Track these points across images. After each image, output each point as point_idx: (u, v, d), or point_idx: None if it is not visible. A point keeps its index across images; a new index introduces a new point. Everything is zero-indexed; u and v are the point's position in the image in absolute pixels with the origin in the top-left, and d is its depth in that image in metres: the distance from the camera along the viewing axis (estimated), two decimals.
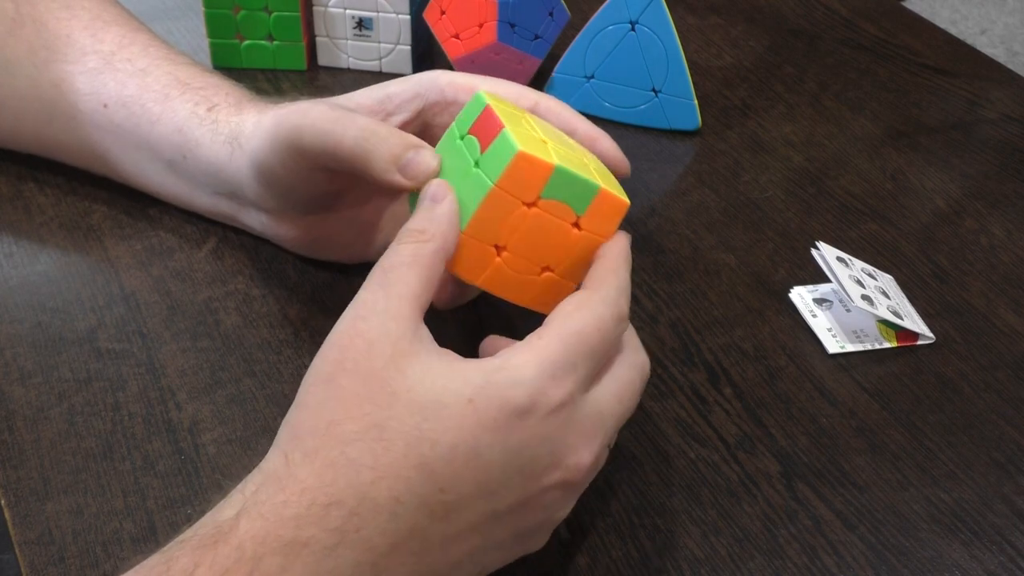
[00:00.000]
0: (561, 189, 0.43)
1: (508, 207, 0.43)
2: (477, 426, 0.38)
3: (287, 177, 0.53)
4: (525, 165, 0.42)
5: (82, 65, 0.61)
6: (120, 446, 0.50)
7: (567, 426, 0.40)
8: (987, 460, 0.51)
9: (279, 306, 0.57)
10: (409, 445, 0.38)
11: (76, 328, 0.55)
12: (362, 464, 0.38)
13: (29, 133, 0.64)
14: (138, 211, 0.63)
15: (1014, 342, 0.58)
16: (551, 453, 0.40)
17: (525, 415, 0.39)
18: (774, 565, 0.46)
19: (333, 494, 0.37)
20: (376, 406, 0.38)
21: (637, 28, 0.71)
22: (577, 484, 0.42)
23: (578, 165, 0.45)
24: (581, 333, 0.41)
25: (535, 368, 0.39)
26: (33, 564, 0.44)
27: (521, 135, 0.43)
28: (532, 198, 0.43)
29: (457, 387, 0.39)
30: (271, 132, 0.52)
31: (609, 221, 0.45)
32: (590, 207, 0.44)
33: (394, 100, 0.53)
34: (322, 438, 0.38)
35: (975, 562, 0.47)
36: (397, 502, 0.38)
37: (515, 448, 0.39)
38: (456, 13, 0.73)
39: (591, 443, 0.41)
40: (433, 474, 0.38)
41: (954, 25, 2.26)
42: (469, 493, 0.39)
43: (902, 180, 0.71)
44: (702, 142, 0.73)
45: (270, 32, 0.76)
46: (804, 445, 0.52)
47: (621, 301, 0.43)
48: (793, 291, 0.60)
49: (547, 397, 0.39)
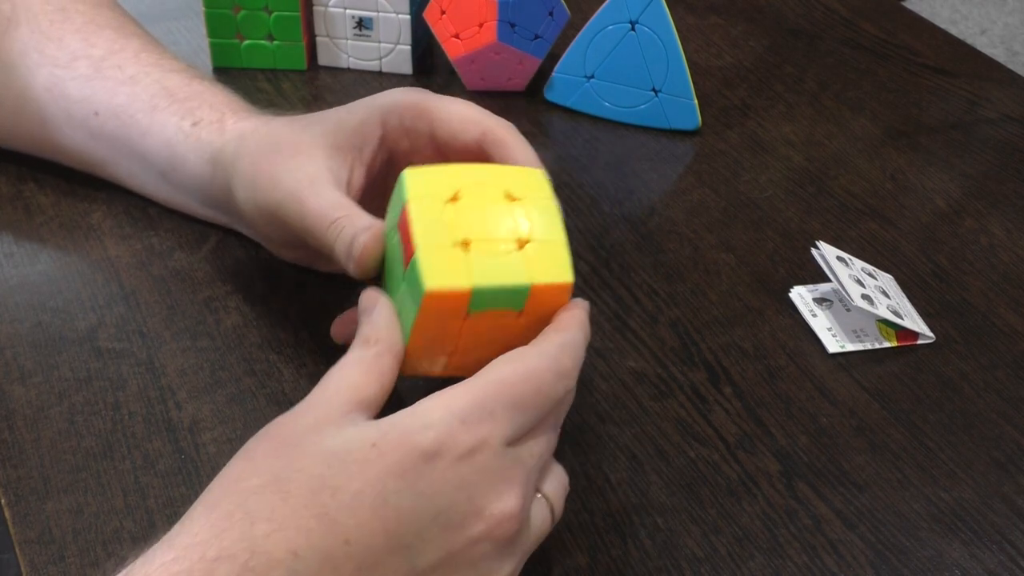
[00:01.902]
0: (488, 301, 0.41)
1: (440, 327, 0.42)
2: (382, 470, 0.37)
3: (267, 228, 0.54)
4: (440, 299, 0.41)
5: (73, 70, 0.60)
6: (120, 445, 0.50)
7: (484, 473, 0.38)
8: (987, 460, 0.51)
9: (279, 306, 0.57)
10: (310, 495, 0.36)
11: (76, 328, 0.55)
12: (258, 516, 0.36)
13: (24, 136, 0.64)
14: (138, 211, 0.63)
15: (1014, 342, 0.58)
16: (469, 500, 0.38)
17: (432, 459, 0.37)
18: (774, 564, 0.46)
19: (224, 547, 0.35)
20: (282, 460, 0.37)
21: (637, 28, 0.71)
22: (507, 538, 0.39)
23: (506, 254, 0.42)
24: (503, 382, 0.39)
25: (442, 411, 0.38)
26: (33, 563, 0.44)
27: (435, 250, 0.41)
28: (461, 317, 0.42)
29: (363, 434, 0.38)
30: (248, 190, 0.52)
31: (556, 303, 0.43)
32: (528, 302, 0.42)
33: (362, 132, 0.51)
34: (223, 493, 0.37)
35: (975, 561, 0.47)
36: (295, 556, 0.35)
37: (426, 494, 0.37)
38: (456, 13, 0.73)
39: (515, 489, 0.39)
40: (335, 524, 0.36)
41: (954, 25, 2.26)
42: (379, 546, 0.36)
43: (902, 180, 0.71)
44: (702, 142, 0.73)
45: (270, 32, 0.76)
46: (804, 444, 0.52)
47: (563, 358, 0.41)
48: (793, 291, 0.60)
49: (455, 441, 0.37)
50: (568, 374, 0.41)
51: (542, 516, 0.42)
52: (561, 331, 0.42)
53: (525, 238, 0.43)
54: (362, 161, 0.51)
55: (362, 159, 0.51)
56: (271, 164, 0.51)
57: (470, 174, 0.45)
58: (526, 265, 0.42)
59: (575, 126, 0.74)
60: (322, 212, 0.47)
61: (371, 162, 0.52)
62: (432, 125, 0.50)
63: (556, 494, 0.43)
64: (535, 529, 0.41)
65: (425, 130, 0.50)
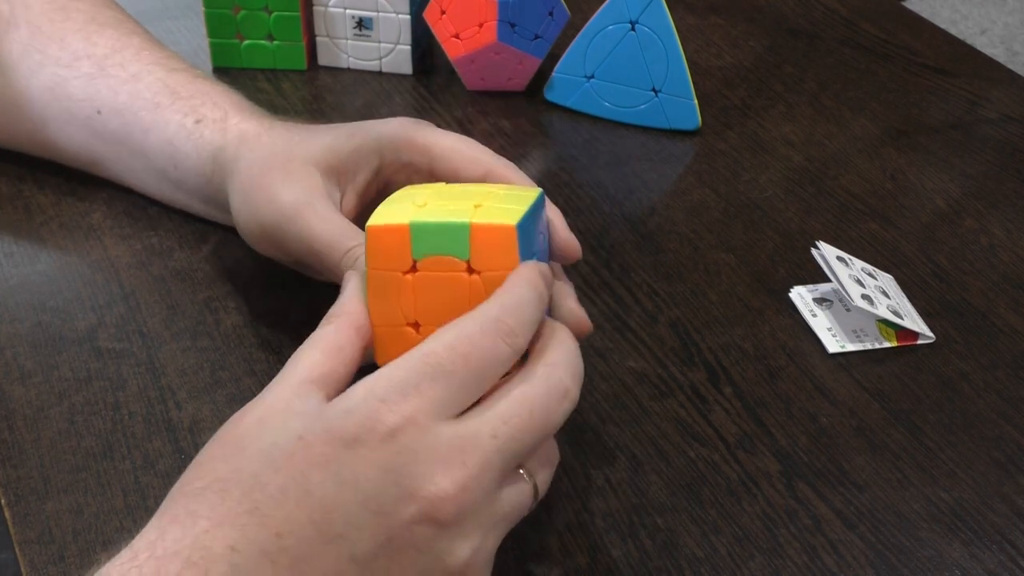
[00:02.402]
0: (430, 242, 0.41)
1: (391, 282, 0.42)
2: (305, 462, 0.36)
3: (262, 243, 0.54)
4: (380, 235, 0.41)
5: (76, 70, 0.60)
6: (120, 445, 0.50)
7: (412, 453, 0.37)
8: (987, 459, 0.51)
9: (279, 306, 0.57)
10: (244, 492, 0.36)
11: (76, 328, 0.55)
12: (199, 515, 0.36)
13: (25, 136, 0.64)
14: (138, 211, 0.63)
15: (1014, 342, 0.58)
16: (397, 483, 0.36)
17: (354, 444, 0.36)
18: (774, 564, 0.46)
19: (169, 546, 0.35)
20: (223, 462, 0.37)
21: (637, 28, 0.71)
22: (448, 519, 0.37)
23: (455, 210, 0.42)
24: (427, 354, 0.38)
25: (363, 392, 0.37)
26: (33, 563, 0.44)
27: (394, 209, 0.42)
28: (408, 264, 0.41)
29: (292, 426, 0.37)
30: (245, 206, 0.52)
31: (502, 252, 0.41)
32: (472, 248, 0.41)
33: (356, 159, 0.51)
34: (172, 498, 0.37)
35: (975, 561, 0.47)
36: (233, 550, 0.35)
37: (349, 481, 0.36)
38: (456, 13, 0.73)
39: (451, 470, 0.37)
40: (265, 518, 0.36)
41: (954, 25, 2.26)
42: (311, 537, 0.36)
43: (902, 180, 0.71)
44: (702, 142, 0.73)
45: (270, 32, 0.76)
46: (804, 444, 0.52)
47: (505, 318, 0.39)
48: (793, 291, 0.60)
49: (378, 422, 0.37)
50: (512, 332, 0.39)
51: (517, 493, 0.40)
52: (502, 292, 0.40)
53: (482, 204, 0.42)
54: (355, 187, 0.52)
55: (355, 185, 0.52)
56: (268, 180, 0.51)
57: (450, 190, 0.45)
58: (471, 214, 0.41)
59: (575, 126, 0.74)
60: (332, 239, 0.48)
61: (364, 189, 0.52)
62: (432, 162, 0.50)
63: (541, 472, 0.41)
64: (506, 505, 0.39)
65: (424, 166, 0.51)
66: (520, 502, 0.40)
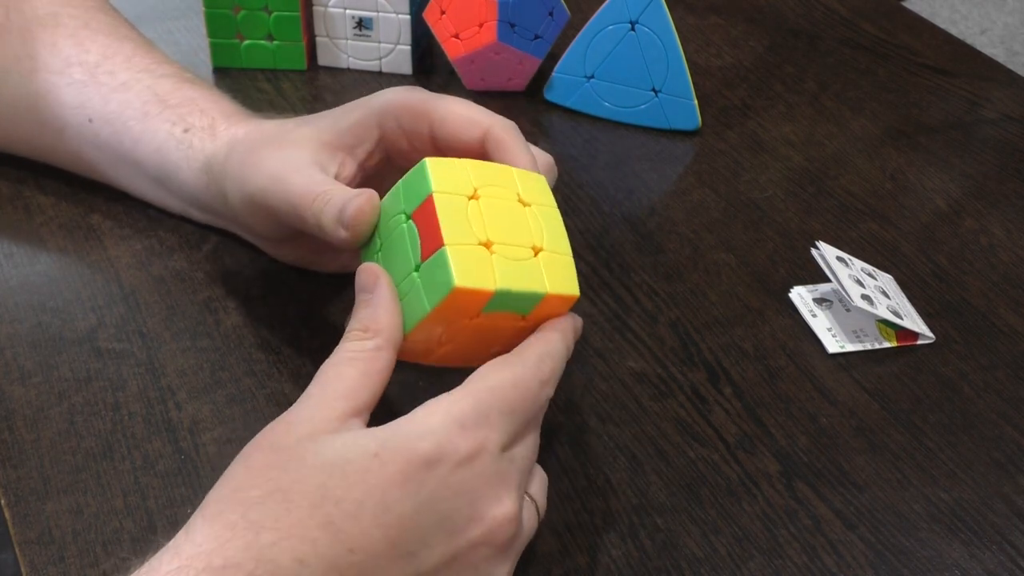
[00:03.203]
0: (504, 304, 0.42)
1: (450, 322, 0.43)
2: (384, 479, 0.37)
3: (258, 221, 0.53)
4: (463, 297, 0.41)
5: (68, 76, 0.60)
6: (120, 446, 0.50)
7: (483, 477, 0.39)
8: (987, 460, 0.51)
9: (279, 306, 0.57)
10: (314, 505, 0.36)
11: (76, 328, 0.55)
12: (263, 525, 0.36)
13: (22, 141, 0.64)
14: (138, 211, 0.63)
15: (1014, 342, 0.58)
16: (470, 505, 0.38)
17: (433, 465, 0.38)
18: (774, 565, 0.46)
19: (230, 556, 0.35)
20: (282, 472, 0.37)
21: (637, 28, 0.71)
22: (506, 541, 0.40)
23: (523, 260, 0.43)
24: (495, 389, 0.40)
25: (441, 417, 0.38)
26: (33, 563, 0.44)
27: (461, 244, 0.42)
28: (473, 315, 0.42)
29: (363, 443, 0.38)
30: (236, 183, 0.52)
31: (557, 311, 0.44)
32: (536, 308, 0.43)
33: (356, 132, 0.51)
34: (225, 503, 0.37)
35: (975, 562, 0.47)
36: (301, 564, 0.35)
37: (427, 500, 0.37)
38: (456, 13, 0.73)
39: (511, 492, 0.40)
40: (340, 533, 0.36)
41: (954, 25, 2.26)
42: (383, 553, 0.37)
43: (902, 180, 0.71)
44: (702, 142, 0.73)
45: (270, 32, 0.76)
46: (804, 445, 0.52)
47: (543, 366, 0.42)
48: (793, 291, 0.60)
49: (455, 447, 0.38)
50: (548, 382, 0.42)
51: (530, 516, 0.42)
52: (543, 341, 0.43)
53: (539, 246, 0.44)
54: (355, 159, 0.51)
55: (355, 157, 0.51)
56: (257, 155, 0.51)
57: (483, 172, 0.45)
58: (542, 273, 0.43)
59: (575, 126, 0.74)
60: (306, 188, 0.47)
61: (365, 160, 0.52)
62: (432, 126, 0.50)
63: (540, 494, 0.44)
64: (526, 530, 0.42)
65: (424, 131, 0.50)
66: (532, 524, 0.43)
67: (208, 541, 0.36)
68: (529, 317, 0.43)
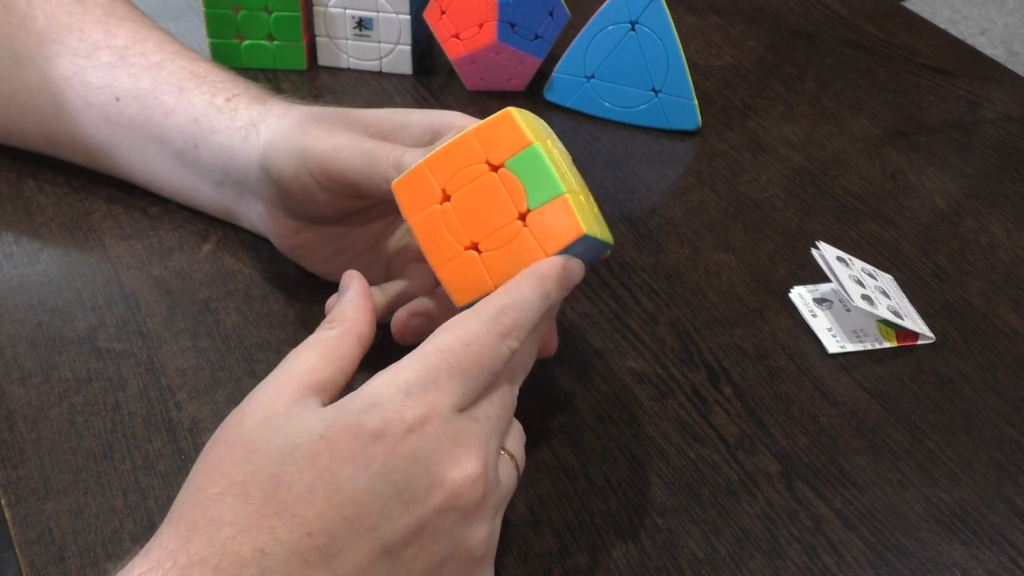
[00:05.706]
0: (527, 169, 0.43)
1: (472, 156, 0.43)
2: (333, 459, 0.37)
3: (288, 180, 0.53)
4: (507, 124, 0.42)
5: (95, 60, 0.61)
6: (120, 446, 0.50)
7: (436, 442, 0.38)
8: (987, 460, 0.51)
9: (279, 306, 0.57)
10: (267, 495, 0.37)
11: (76, 328, 0.55)
12: (223, 520, 0.36)
13: (34, 128, 0.64)
14: (138, 211, 0.63)
15: (1014, 342, 0.58)
16: (427, 471, 0.38)
17: (380, 437, 0.37)
18: (774, 565, 0.46)
19: (193, 553, 0.36)
20: (237, 466, 0.38)
21: (637, 28, 0.71)
22: (475, 503, 0.39)
23: (564, 178, 0.43)
24: (442, 350, 0.39)
25: (386, 387, 0.38)
26: (33, 563, 0.44)
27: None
28: (497, 161, 0.43)
29: (311, 427, 0.38)
30: (292, 135, 0.53)
31: (555, 236, 0.43)
32: (545, 206, 0.43)
33: (410, 131, 0.52)
34: (187, 505, 0.37)
35: (975, 562, 0.47)
36: (263, 553, 0.36)
37: (379, 473, 0.37)
38: (456, 13, 0.73)
39: (472, 453, 0.39)
40: (295, 518, 0.36)
41: (954, 25, 2.26)
42: (342, 532, 0.37)
43: (902, 180, 0.71)
44: (702, 142, 0.73)
45: (270, 32, 0.76)
46: (804, 445, 0.52)
47: (503, 319, 0.41)
48: (793, 291, 0.60)
49: (401, 416, 0.38)
50: (509, 334, 0.41)
51: (508, 472, 0.42)
52: (505, 292, 0.42)
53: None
54: None
55: None
56: (329, 123, 0.52)
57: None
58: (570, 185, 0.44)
59: (575, 126, 0.74)
60: (381, 145, 0.49)
61: None
62: None
63: (517, 448, 0.43)
64: (504, 486, 0.41)
65: None
66: (511, 480, 0.42)
67: (172, 542, 0.36)
68: (530, 216, 0.43)
